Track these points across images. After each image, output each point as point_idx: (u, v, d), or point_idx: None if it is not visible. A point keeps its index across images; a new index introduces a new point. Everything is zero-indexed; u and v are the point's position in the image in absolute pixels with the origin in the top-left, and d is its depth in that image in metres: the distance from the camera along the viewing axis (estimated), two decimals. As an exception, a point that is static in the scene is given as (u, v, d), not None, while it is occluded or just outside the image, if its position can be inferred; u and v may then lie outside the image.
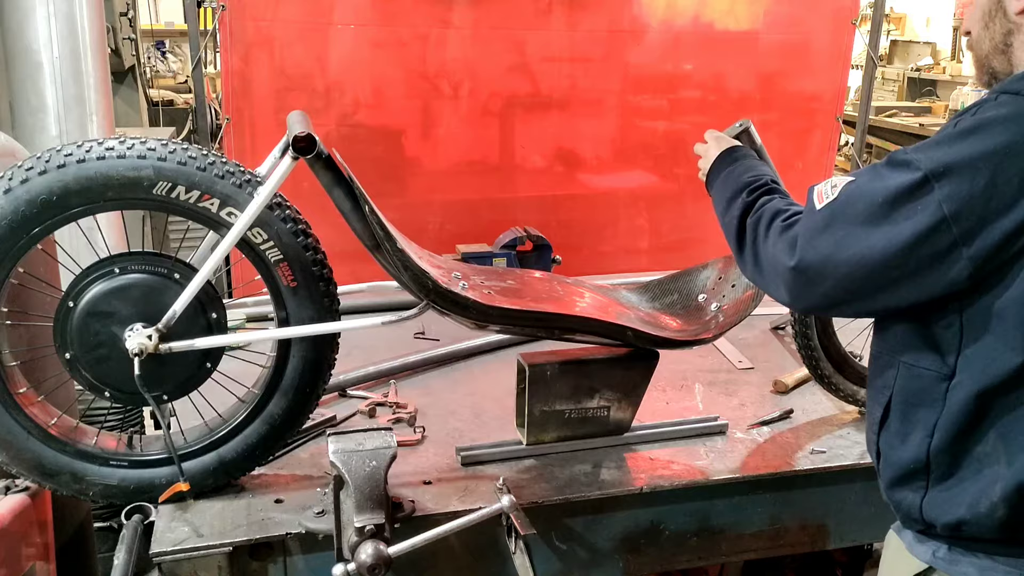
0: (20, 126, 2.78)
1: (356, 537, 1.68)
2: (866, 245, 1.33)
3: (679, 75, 4.54)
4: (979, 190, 1.25)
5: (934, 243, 1.28)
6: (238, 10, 3.79)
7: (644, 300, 2.36)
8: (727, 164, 1.83)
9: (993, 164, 1.25)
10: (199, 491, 1.91)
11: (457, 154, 4.32)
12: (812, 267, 1.39)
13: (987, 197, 1.25)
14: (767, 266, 1.51)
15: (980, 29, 1.47)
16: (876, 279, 1.34)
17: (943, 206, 1.26)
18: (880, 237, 1.31)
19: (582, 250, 4.45)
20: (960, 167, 1.26)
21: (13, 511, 1.89)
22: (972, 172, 1.26)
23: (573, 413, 2.14)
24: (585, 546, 2.03)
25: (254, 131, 3.95)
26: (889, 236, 1.30)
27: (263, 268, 1.85)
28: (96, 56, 2.82)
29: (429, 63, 4.18)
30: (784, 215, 1.52)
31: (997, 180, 1.25)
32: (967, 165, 1.26)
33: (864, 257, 1.33)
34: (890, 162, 1.36)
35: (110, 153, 1.72)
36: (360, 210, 1.83)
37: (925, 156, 1.30)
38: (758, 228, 1.55)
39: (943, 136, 1.32)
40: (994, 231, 1.26)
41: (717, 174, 1.84)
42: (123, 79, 5.54)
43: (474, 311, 1.92)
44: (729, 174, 1.79)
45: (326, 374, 1.96)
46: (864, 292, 1.37)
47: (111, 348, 1.79)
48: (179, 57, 8.86)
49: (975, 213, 1.26)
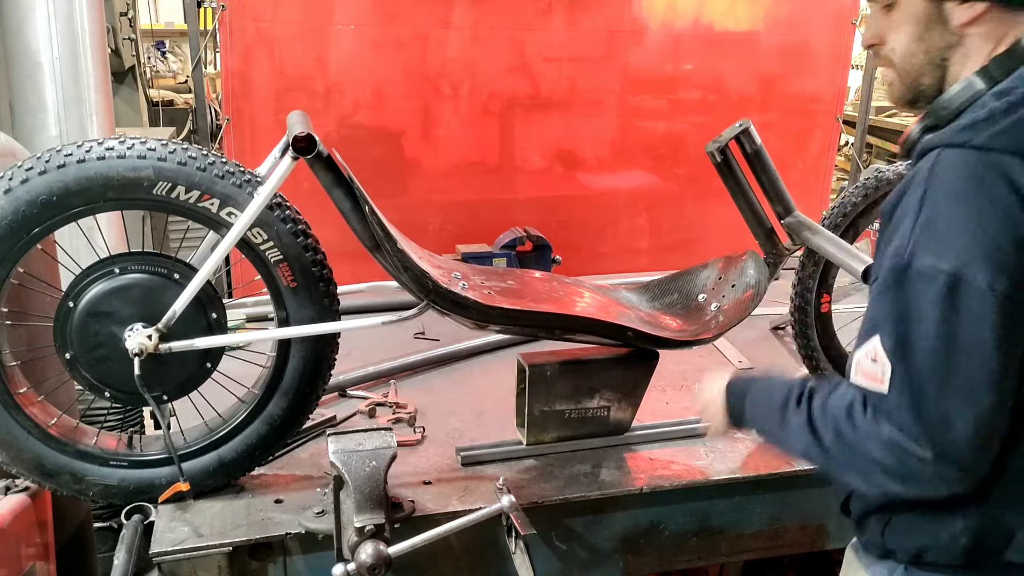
0: (20, 126, 2.77)
1: (356, 537, 1.68)
2: (969, 364, 1.19)
3: (679, 75, 4.53)
4: (999, 251, 1.17)
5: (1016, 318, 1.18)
6: (238, 10, 3.79)
7: (644, 300, 2.36)
8: (742, 401, 1.61)
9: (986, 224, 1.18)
10: (199, 491, 1.91)
11: (457, 154, 4.32)
12: (948, 437, 1.21)
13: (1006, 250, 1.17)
14: (879, 457, 1.28)
15: (910, 41, 1.35)
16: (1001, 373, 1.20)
17: (995, 286, 1.17)
18: (970, 362, 1.18)
19: (582, 250, 4.45)
20: (980, 245, 1.17)
21: (13, 511, 1.88)
22: (980, 244, 1.17)
23: (573, 413, 2.14)
24: (585, 546, 2.03)
25: (254, 131, 3.95)
26: (979, 354, 1.18)
27: (263, 268, 1.85)
28: (96, 56, 2.82)
29: (429, 63, 4.18)
30: (852, 404, 1.31)
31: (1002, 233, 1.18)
32: (985, 239, 1.17)
33: (978, 368, 1.19)
34: (900, 279, 1.23)
35: (110, 153, 1.72)
36: (360, 210, 1.83)
37: (935, 255, 1.19)
38: (841, 436, 1.32)
39: (937, 227, 1.21)
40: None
41: (743, 411, 1.61)
42: (123, 79, 5.54)
43: (474, 311, 1.92)
44: (755, 405, 1.57)
45: (326, 374, 1.96)
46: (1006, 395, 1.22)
47: (111, 348, 1.79)
48: (179, 57, 8.85)
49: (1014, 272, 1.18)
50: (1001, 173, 1.20)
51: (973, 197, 1.19)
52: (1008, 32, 1.30)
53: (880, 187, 2.39)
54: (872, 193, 2.39)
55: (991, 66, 1.31)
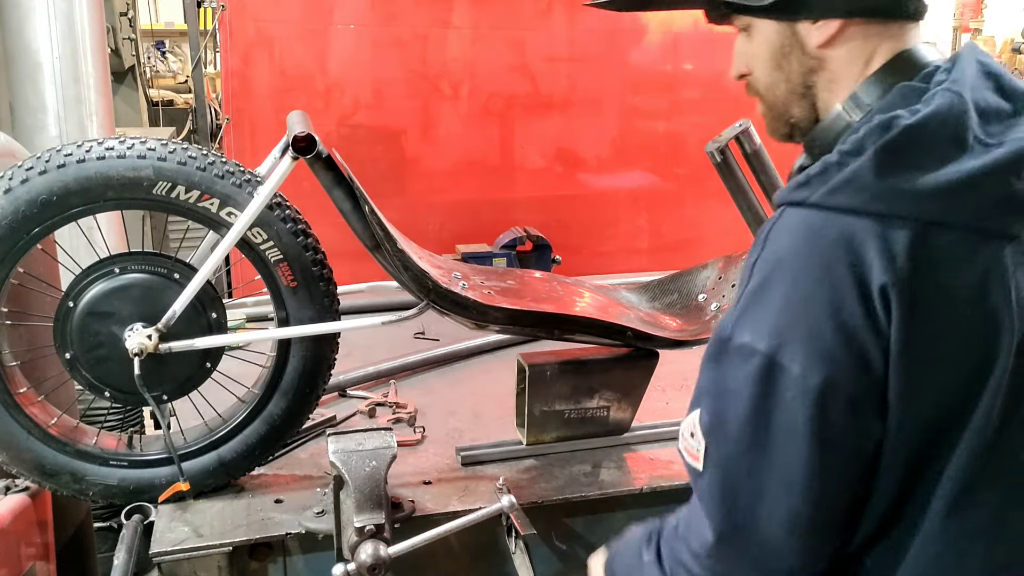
0: (20, 126, 2.77)
1: (356, 537, 1.68)
2: (779, 476, 1.03)
3: (679, 75, 4.53)
4: (834, 342, 0.99)
5: (832, 419, 1.01)
6: (238, 10, 3.79)
7: (644, 300, 2.36)
8: (611, 567, 1.38)
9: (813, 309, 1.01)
10: (199, 491, 1.91)
11: (457, 154, 4.32)
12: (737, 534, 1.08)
13: (847, 343, 1.00)
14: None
15: (770, 70, 1.19)
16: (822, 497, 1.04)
17: (808, 379, 1.00)
18: (783, 459, 1.03)
19: (582, 250, 4.45)
20: (797, 327, 1.01)
21: (13, 511, 1.88)
22: (813, 328, 1.00)
23: (573, 413, 2.14)
24: (585, 546, 2.03)
25: (254, 131, 3.95)
26: (788, 452, 1.02)
27: (263, 268, 1.85)
28: (96, 56, 2.82)
29: (429, 63, 4.18)
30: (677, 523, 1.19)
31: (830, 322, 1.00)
32: (804, 322, 1.01)
33: (786, 486, 1.03)
34: (720, 352, 1.08)
35: (110, 153, 1.72)
36: (360, 210, 1.83)
37: (753, 330, 1.03)
38: (675, 556, 1.17)
39: (759, 295, 1.05)
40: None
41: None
42: (123, 79, 5.54)
43: (474, 311, 1.92)
44: (621, 563, 1.34)
45: (326, 374, 1.96)
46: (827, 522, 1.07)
47: (111, 348, 1.79)
48: (179, 57, 8.85)
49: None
50: (841, 240, 1.00)
51: (801, 269, 1.01)
52: (877, 49, 1.12)
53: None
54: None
55: (859, 92, 1.13)
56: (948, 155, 1.00)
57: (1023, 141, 1.01)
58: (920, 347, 1.00)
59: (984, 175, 0.99)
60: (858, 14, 1.11)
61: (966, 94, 1.03)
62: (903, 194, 0.99)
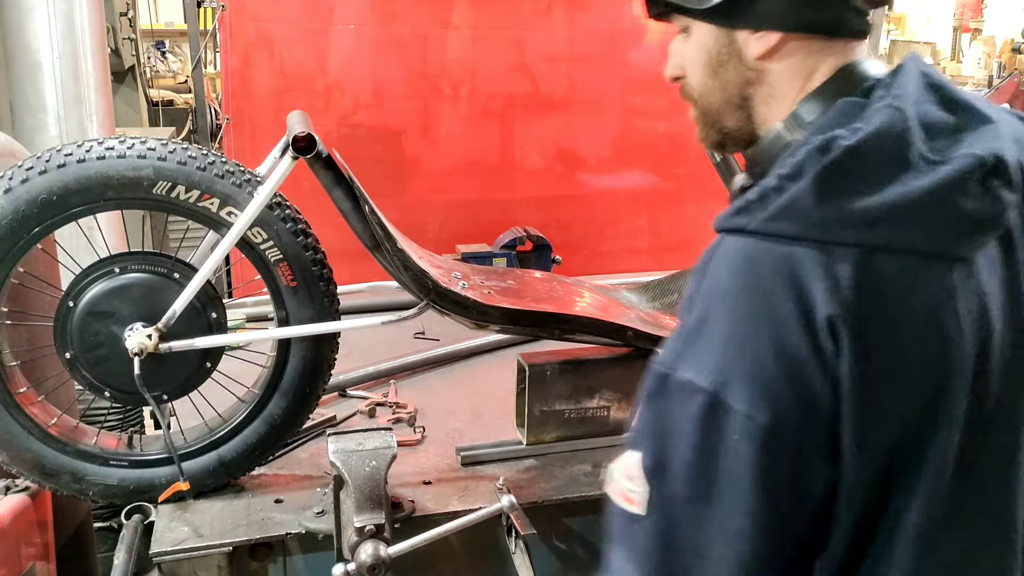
0: (20, 126, 2.77)
1: (356, 537, 1.68)
2: (721, 524, 0.95)
3: (679, 75, 4.54)
4: (780, 380, 0.92)
5: (777, 462, 0.93)
6: (238, 10, 3.79)
7: (644, 300, 2.36)
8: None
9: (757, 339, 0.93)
10: (199, 491, 1.91)
11: (457, 154, 4.32)
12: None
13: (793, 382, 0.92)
14: None
15: (704, 76, 1.13)
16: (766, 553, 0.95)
17: (755, 418, 0.92)
18: (727, 503, 0.94)
19: (582, 250, 4.45)
20: (740, 365, 0.93)
21: (13, 511, 1.88)
22: (757, 365, 0.93)
23: (573, 413, 2.14)
24: (585, 546, 2.03)
25: (254, 131, 3.94)
26: (732, 495, 0.94)
27: (263, 268, 1.85)
28: (96, 56, 2.82)
29: (429, 63, 4.17)
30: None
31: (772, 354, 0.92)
32: (747, 359, 0.93)
33: (728, 534, 0.95)
34: (661, 389, 0.99)
35: (110, 153, 1.72)
36: (360, 210, 1.83)
37: (695, 366, 0.96)
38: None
39: (700, 328, 0.98)
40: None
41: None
42: (123, 79, 5.53)
43: (474, 311, 1.92)
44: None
45: (326, 374, 1.96)
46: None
47: (111, 348, 1.79)
48: (179, 57, 8.85)
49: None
50: (782, 270, 0.94)
51: (742, 303, 0.95)
52: (818, 65, 1.07)
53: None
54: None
55: (800, 110, 1.07)
56: (891, 176, 0.93)
57: (969, 157, 0.94)
58: (870, 383, 0.93)
59: (928, 195, 0.93)
60: (799, 29, 1.05)
61: (908, 109, 0.97)
62: (845, 220, 0.93)
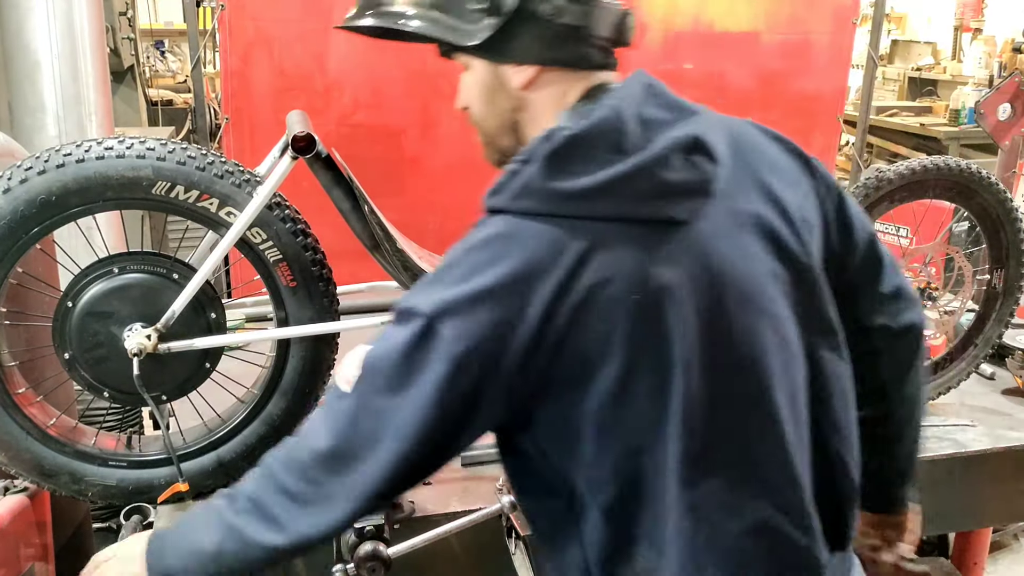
0: (19, 126, 2.77)
1: (355, 538, 1.67)
2: (400, 417, 1.12)
3: (679, 74, 4.53)
4: (488, 325, 1.09)
5: (458, 387, 1.10)
6: (237, 10, 3.79)
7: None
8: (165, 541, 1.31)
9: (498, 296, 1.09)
10: (198, 492, 1.90)
11: (457, 154, 4.31)
12: (345, 454, 1.15)
13: (501, 330, 1.09)
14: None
15: (482, 104, 1.31)
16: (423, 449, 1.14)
17: (454, 346, 1.09)
18: (409, 402, 1.12)
19: (582, 250, 4.45)
20: (461, 304, 1.10)
21: (12, 512, 1.88)
22: (474, 307, 1.09)
23: (573, 413, 2.14)
24: (585, 547, 2.02)
25: (253, 131, 3.94)
26: (416, 397, 1.11)
27: (262, 268, 1.84)
28: (95, 56, 2.82)
29: (429, 63, 4.17)
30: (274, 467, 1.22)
31: (508, 311, 1.09)
32: (468, 301, 1.10)
33: (400, 430, 1.12)
34: (395, 316, 1.17)
35: (109, 153, 1.71)
36: (360, 210, 1.82)
37: (425, 299, 1.13)
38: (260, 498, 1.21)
39: (441, 274, 1.16)
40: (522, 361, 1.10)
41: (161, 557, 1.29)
42: (122, 79, 5.53)
43: (474, 311, 1.92)
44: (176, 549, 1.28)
45: (326, 375, 1.95)
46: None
47: (110, 348, 1.78)
48: (178, 57, 8.84)
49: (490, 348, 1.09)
50: (518, 236, 1.12)
51: (482, 258, 1.14)
52: (569, 90, 1.25)
53: (881, 187, 2.38)
54: (873, 193, 2.38)
55: (554, 122, 1.23)
56: (608, 160, 1.11)
57: (669, 139, 1.14)
58: (586, 351, 1.11)
59: (637, 170, 1.11)
60: (551, 63, 1.23)
61: (625, 107, 1.16)
62: (568, 195, 1.10)
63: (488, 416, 1.15)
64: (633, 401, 1.12)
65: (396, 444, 1.13)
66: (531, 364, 1.10)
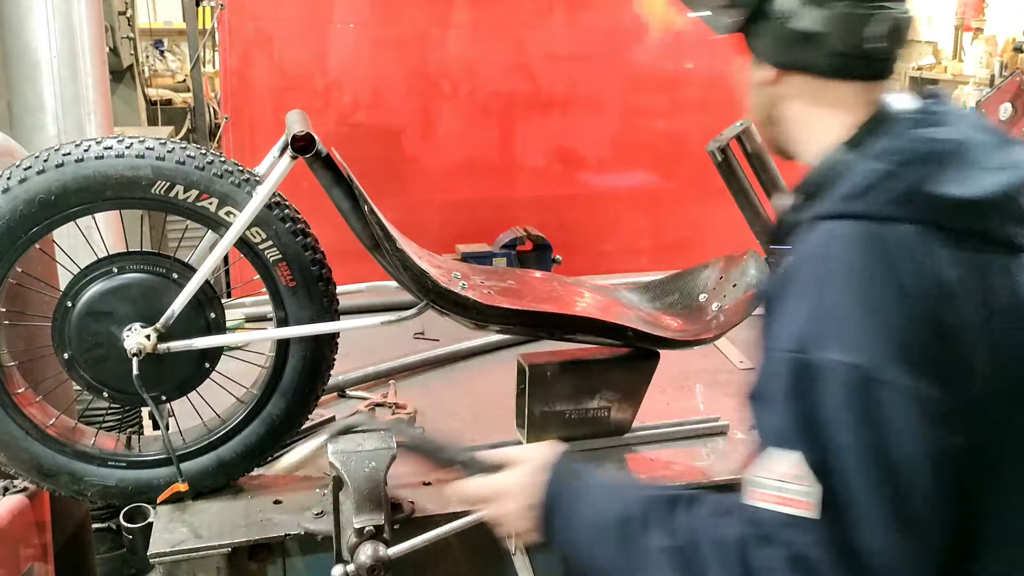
0: (18, 125, 2.77)
1: (355, 538, 1.67)
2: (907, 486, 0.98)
3: (679, 74, 4.53)
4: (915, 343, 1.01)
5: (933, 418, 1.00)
6: (237, 9, 3.78)
7: (645, 300, 2.35)
8: (564, 496, 1.31)
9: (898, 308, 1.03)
10: (197, 492, 1.90)
11: (457, 154, 4.31)
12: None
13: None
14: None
15: (748, 94, 1.33)
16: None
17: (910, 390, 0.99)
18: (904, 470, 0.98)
19: (582, 250, 4.44)
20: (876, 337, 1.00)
21: (11, 512, 1.88)
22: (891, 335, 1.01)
23: (573, 414, 2.13)
24: (585, 547, 2.02)
25: (253, 130, 3.94)
26: (900, 448, 0.98)
27: (262, 268, 1.84)
28: (94, 55, 2.82)
29: (429, 62, 4.17)
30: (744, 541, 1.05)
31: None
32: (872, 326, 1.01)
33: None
34: (802, 378, 1.03)
35: (108, 152, 1.71)
36: (359, 210, 1.82)
37: (836, 345, 1.01)
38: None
39: (824, 306, 1.05)
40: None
41: (555, 515, 1.32)
42: (121, 78, 5.53)
43: (474, 311, 1.91)
44: (577, 507, 1.29)
45: (325, 374, 1.95)
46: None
47: (109, 348, 1.78)
48: (178, 56, 8.84)
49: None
50: (902, 246, 1.05)
51: (874, 277, 1.04)
52: (837, 104, 1.24)
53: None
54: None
55: (847, 141, 1.21)
56: (968, 175, 1.10)
57: (1020, 168, 1.14)
58: (1000, 348, 1.08)
59: (1003, 192, 1.10)
60: (789, 68, 1.24)
61: (965, 131, 1.16)
62: (952, 206, 1.08)
63: (953, 448, 1.07)
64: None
65: (906, 546, 1.01)
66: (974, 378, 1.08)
